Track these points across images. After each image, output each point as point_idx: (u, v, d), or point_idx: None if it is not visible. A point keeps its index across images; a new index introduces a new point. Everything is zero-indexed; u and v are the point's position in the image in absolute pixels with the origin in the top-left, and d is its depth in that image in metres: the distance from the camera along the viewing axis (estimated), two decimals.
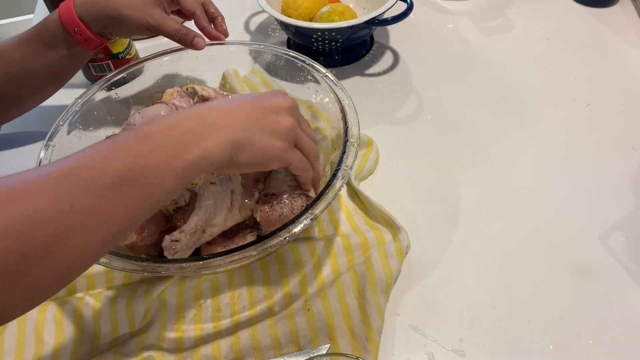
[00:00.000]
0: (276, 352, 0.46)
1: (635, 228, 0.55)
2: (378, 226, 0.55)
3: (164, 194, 0.35)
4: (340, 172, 0.47)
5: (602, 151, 0.63)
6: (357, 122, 0.52)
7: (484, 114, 0.69)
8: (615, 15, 0.85)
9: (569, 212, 0.57)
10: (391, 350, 0.47)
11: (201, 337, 0.48)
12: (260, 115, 0.41)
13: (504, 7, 0.89)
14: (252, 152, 0.40)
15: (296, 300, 0.49)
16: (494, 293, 0.50)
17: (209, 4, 0.63)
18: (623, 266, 0.52)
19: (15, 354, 0.47)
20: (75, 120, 0.55)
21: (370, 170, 0.62)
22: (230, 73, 0.68)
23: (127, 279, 0.52)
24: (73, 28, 0.54)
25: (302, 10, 0.76)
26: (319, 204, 0.44)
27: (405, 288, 0.51)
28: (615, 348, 0.46)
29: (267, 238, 0.42)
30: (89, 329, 0.49)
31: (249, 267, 0.52)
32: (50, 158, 0.51)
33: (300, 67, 0.59)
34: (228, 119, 0.39)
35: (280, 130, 0.42)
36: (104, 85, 0.59)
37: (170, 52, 0.62)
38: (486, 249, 0.54)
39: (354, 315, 0.47)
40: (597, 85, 0.73)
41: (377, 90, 0.74)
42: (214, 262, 0.41)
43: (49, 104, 0.62)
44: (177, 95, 0.60)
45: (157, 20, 0.56)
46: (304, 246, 0.53)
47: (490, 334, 0.47)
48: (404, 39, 0.83)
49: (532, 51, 0.79)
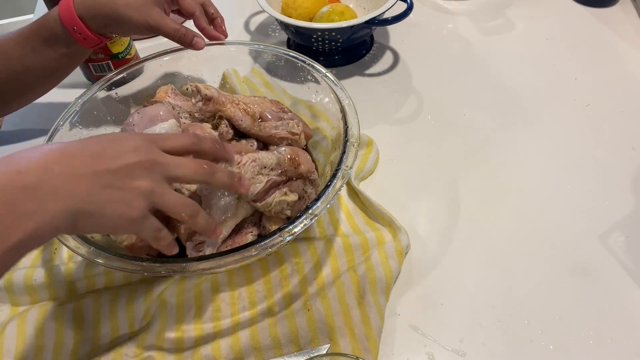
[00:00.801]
0: (276, 352, 0.46)
1: (635, 228, 0.55)
2: (378, 226, 0.55)
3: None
4: (340, 172, 0.47)
5: (602, 151, 0.63)
6: (357, 122, 0.52)
7: (484, 114, 0.69)
8: (615, 15, 0.85)
9: (569, 212, 0.57)
10: (391, 350, 0.47)
11: (201, 337, 0.48)
12: (109, 181, 0.35)
13: (504, 7, 0.89)
14: (98, 222, 0.35)
15: (296, 300, 0.49)
16: (494, 293, 0.50)
17: (209, 5, 0.63)
18: (623, 266, 0.52)
19: (15, 354, 0.47)
20: (75, 120, 0.55)
21: (370, 170, 0.62)
22: (230, 73, 0.68)
23: (127, 279, 0.52)
24: (72, 27, 0.54)
25: (302, 10, 0.76)
26: (319, 204, 0.44)
27: (405, 288, 0.51)
28: (615, 348, 0.46)
29: (267, 238, 0.42)
30: (89, 329, 0.49)
31: (249, 267, 0.52)
32: None
33: (300, 67, 0.59)
34: (71, 185, 0.33)
35: (131, 199, 0.36)
36: (104, 85, 0.59)
37: (170, 52, 0.62)
38: (486, 249, 0.54)
39: (354, 315, 0.47)
40: (597, 85, 0.73)
41: (377, 90, 0.74)
42: (214, 262, 0.41)
43: (50, 103, 0.62)
44: (171, 93, 0.60)
45: (157, 20, 0.56)
46: (304, 246, 0.53)
47: (490, 334, 0.47)
48: (404, 39, 0.83)
49: (532, 51, 0.79)
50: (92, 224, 0.35)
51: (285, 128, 0.54)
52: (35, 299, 0.51)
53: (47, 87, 0.61)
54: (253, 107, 0.54)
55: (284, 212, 0.50)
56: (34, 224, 0.31)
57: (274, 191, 0.49)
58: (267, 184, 0.48)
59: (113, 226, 0.36)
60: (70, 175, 0.34)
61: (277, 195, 0.48)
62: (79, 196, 0.34)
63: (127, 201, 0.36)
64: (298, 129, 0.54)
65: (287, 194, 0.49)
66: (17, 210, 0.31)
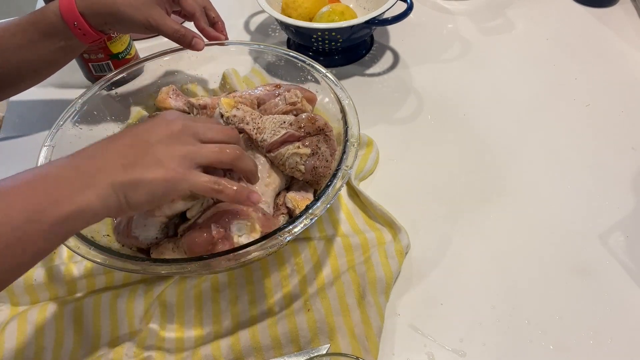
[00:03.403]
0: (276, 352, 0.46)
1: (635, 228, 0.55)
2: (378, 226, 0.55)
3: (34, 248, 0.33)
4: (340, 172, 0.47)
5: (602, 151, 0.63)
6: (357, 122, 0.52)
7: (484, 114, 0.69)
8: (615, 15, 0.85)
9: (569, 212, 0.57)
10: (391, 350, 0.47)
11: (201, 337, 0.48)
12: (142, 148, 0.38)
13: (504, 7, 0.89)
14: (145, 191, 0.37)
15: (296, 300, 0.49)
16: (494, 293, 0.50)
17: (211, 9, 0.63)
18: (623, 266, 0.52)
19: (15, 354, 0.47)
20: (75, 120, 0.55)
21: (370, 170, 0.62)
22: (230, 73, 0.68)
23: (127, 279, 0.52)
24: (73, 22, 0.54)
25: (302, 10, 0.76)
26: (319, 204, 0.44)
27: (405, 288, 0.51)
28: (615, 348, 0.46)
29: (267, 238, 0.42)
30: (89, 329, 0.49)
31: (249, 267, 0.52)
32: (50, 157, 0.51)
33: (300, 67, 0.59)
34: (107, 162, 0.36)
35: (170, 158, 0.38)
36: (104, 85, 0.59)
37: (170, 52, 0.62)
38: (486, 249, 0.54)
39: (354, 315, 0.47)
40: (597, 85, 0.72)
41: (377, 90, 0.74)
42: (214, 262, 0.41)
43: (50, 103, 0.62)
44: (172, 94, 0.60)
45: (157, 20, 0.56)
46: (304, 246, 0.53)
47: (490, 334, 0.47)
48: (404, 39, 0.83)
49: (532, 51, 0.79)
50: (140, 195, 0.36)
51: (284, 102, 0.55)
52: (35, 299, 0.51)
53: (41, 78, 0.61)
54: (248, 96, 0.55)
55: (297, 168, 0.50)
56: (83, 197, 0.34)
57: (289, 144, 0.49)
58: (285, 136, 0.49)
59: (162, 192, 0.37)
60: (106, 156, 0.37)
61: (291, 148, 0.49)
62: (117, 170, 0.36)
63: (163, 164, 0.37)
64: (297, 97, 0.55)
65: (300, 147, 0.49)
66: (67, 185, 0.34)
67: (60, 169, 0.35)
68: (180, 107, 0.59)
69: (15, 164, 0.67)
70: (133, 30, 0.58)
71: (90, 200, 0.34)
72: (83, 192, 0.34)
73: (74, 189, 0.34)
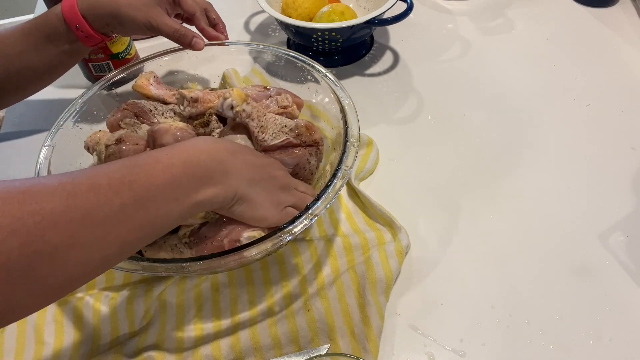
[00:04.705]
0: (276, 352, 0.46)
1: (635, 228, 0.55)
2: (378, 226, 0.55)
3: (168, 223, 0.37)
4: (340, 172, 0.47)
5: (602, 151, 0.63)
6: (357, 122, 0.52)
7: (484, 114, 0.69)
8: (615, 15, 0.85)
9: (568, 212, 0.57)
10: (391, 350, 0.47)
11: (201, 337, 0.48)
12: (265, 175, 0.44)
13: (504, 7, 0.89)
14: (248, 208, 0.42)
15: (296, 300, 0.49)
16: (494, 293, 0.50)
17: (211, 11, 0.63)
18: (623, 266, 0.52)
19: (15, 354, 0.47)
20: (75, 119, 0.55)
21: (370, 170, 0.62)
22: (230, 73, 0.68)
23: (127, 279, 0.52)
24: (75, 24, 0.54)
25: (302, 10, 0.76)
26: (319, 204, 0.44)
27: (405, 288, 0.51)
28: (615, 348, 0.46)
29: (267, 238, 0.42)
30: (89, 329, 0.49)
31: (249, 267, 0.52)
32: (50, 157, 0.51)
33: (300, 67, 0.59)
34: (242, 170, 0.41)
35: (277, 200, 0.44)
36: (104, 85, 0.59)
37: (170, 52, 0.62)
38: (486, 249, 0.54)
39: (354, 315, 0.47)
40: (597, 85, 0.72)
41: (377, 90, 0.74)
42: (214, 262, 0.41)
43: (50, 103, 0.62)
44: (153, 81, 0.60)
45: (157, 20, 0.56)
46: (304, 246, 0.53)
47: (490, 334, 0.47)
48: (404, 39, 0.83)
49: (532, 51, 0.79)
50: (242, 209, 0.42)
51: (275, 104, 0.55)
52: None
53: (45, 83, 0.61)
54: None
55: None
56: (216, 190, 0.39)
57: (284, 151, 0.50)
58: (283, 142, 0.50)
59: (255, 216, 0.43)
60: (243, 164, 0.42)
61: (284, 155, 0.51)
62: (245, 181, 0.41)
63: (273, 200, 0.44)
64: (288, 101, 0.55)
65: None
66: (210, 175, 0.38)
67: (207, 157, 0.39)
68: (161, 95, 0.59)
69: (15, 164, 0.67)
70: (134, 32, 0.58)
71: (219, 194, 0.39)
72: (217, 185, 0.39)
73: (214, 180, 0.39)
